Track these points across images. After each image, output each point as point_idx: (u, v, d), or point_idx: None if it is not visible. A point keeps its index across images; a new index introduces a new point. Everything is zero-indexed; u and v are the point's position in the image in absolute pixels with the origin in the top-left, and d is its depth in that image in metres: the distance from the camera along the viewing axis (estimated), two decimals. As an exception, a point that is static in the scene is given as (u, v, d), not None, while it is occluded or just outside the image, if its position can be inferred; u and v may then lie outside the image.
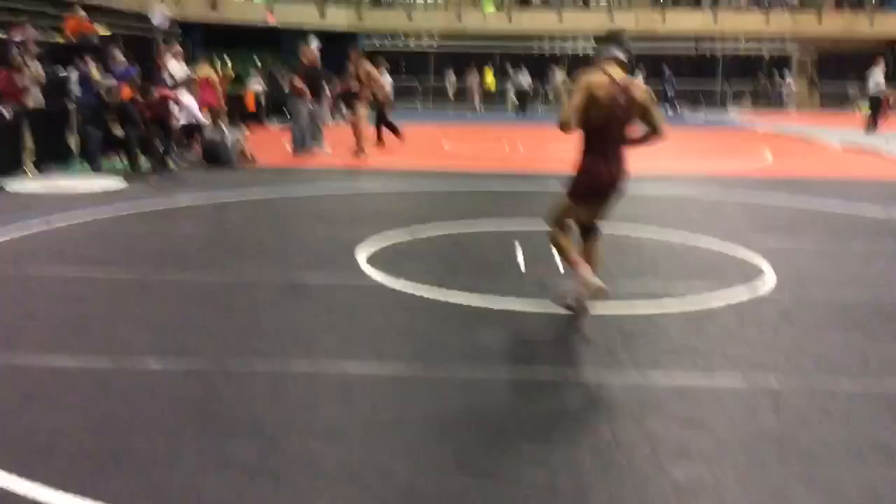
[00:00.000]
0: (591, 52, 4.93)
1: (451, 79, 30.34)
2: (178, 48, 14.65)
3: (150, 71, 13.85)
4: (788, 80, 31.02)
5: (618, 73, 4.45)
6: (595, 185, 4.55)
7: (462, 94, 29.79)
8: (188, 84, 13.07)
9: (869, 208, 8.85)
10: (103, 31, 15.40)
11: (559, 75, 28.42)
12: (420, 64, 31.36)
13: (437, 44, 31.93)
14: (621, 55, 4.49)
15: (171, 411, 3.42)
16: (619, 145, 4.53)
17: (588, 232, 4.78)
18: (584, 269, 4.49)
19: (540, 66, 30.78)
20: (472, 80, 29.18)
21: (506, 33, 31.30)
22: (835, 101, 30.73)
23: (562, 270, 5.77)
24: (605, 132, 4.44)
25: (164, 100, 11.41)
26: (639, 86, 4.52)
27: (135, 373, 3.84)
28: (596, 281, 4.45)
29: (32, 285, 5.42)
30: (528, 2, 32.46)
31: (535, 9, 32.19)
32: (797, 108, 30.49)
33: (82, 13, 15.53)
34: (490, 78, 29.72)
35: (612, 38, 4.56)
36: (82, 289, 5.36)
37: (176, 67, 13.76)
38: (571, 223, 4.74)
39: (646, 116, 4.50)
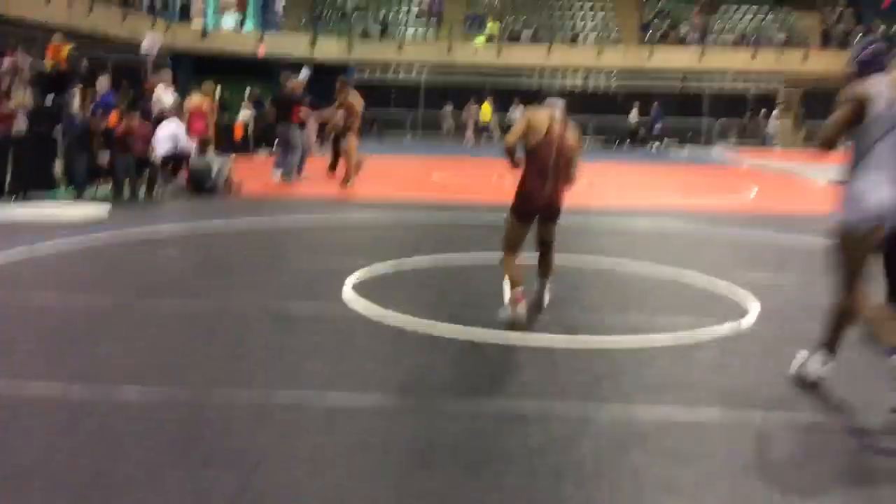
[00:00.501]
0: (577, 87, 5.95)
1: (448, 110, 30.10)
2: (168, 76, 14.67)
3: (139, 98, 13.89)
4: (774, 117, 31.35)
5: (556, 115, 5.28)
6: (532, 203, 5.23)
7: (457, 128, 29.71)
8: (176, 112, 13.10)
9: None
10: (65, 45, 15.31)
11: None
12: (410, 96, 31.54)
13: (427, 76, 32.17)
14: (560, 104, 5.41)
15: (151, 440, 3.37)
16: (556, 171, 5.18)
17: (542, 245, 5.48)
18: (519, 307, 5.13)
19: (530, 100, 30.99)
20: (469, 113, 29.19)
21: (495, 67, 31.58)
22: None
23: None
24: (543, 158, 5.14)
25: (140, 134, 11.41)
26: (572, 126, 5.32)
27: (114, 400, 3.79)
28: (521, 315, 5.12)
29: (13, 311, 5.37)
30: (517, 37, 32.81)
31: (525, 43, 32.52)
32: (782, 146, 30.80)
33: (57, 37, 15.61)
34: (487, 111, 29.65)
35: (556, 94, 5.55)
36: (64, 315, 5.31)
37: (165, 95, 13.79)
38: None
39: (571, 156, 5.26)
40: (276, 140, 14.43)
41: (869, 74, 3.96)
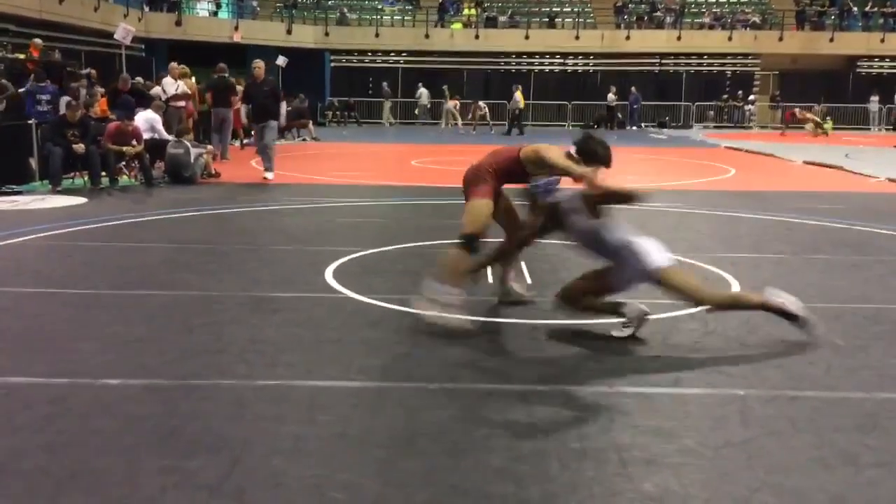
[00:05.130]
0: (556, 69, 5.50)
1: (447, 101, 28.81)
2: (176, 69, 15.36)
3: (118, 93, 13.76)
4: (752, 98, 31.47)
5: None
6: None
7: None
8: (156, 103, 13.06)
9: (829, 220, 8.98)
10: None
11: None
12: (387, 81, 31.32)
13: (405, 61, 31.99)
14: None
15: (131, 429, 3.34)
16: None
17: None
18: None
19: (508, 83, 30.99)
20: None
21: (473, 51, 31.46)
22: (796, 118, 31.21)
23: (529, 281, 5.77)
24: None
25: (133, 132, 11.36)
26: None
27: (93, 390, 3.75)
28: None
29: (-11, 303, 5.29)
30: (494, 20, 32.67)
31: (502, 27, 32.39)
32: (759, 125, 30.95)
33: (38, 41, 15.47)
34: (519, 97, 28.92)
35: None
36: (40, 305, 5.25)
37: (169, 86, 14.49)
38: None
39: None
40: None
41: None
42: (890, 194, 11.94)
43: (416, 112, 30.35)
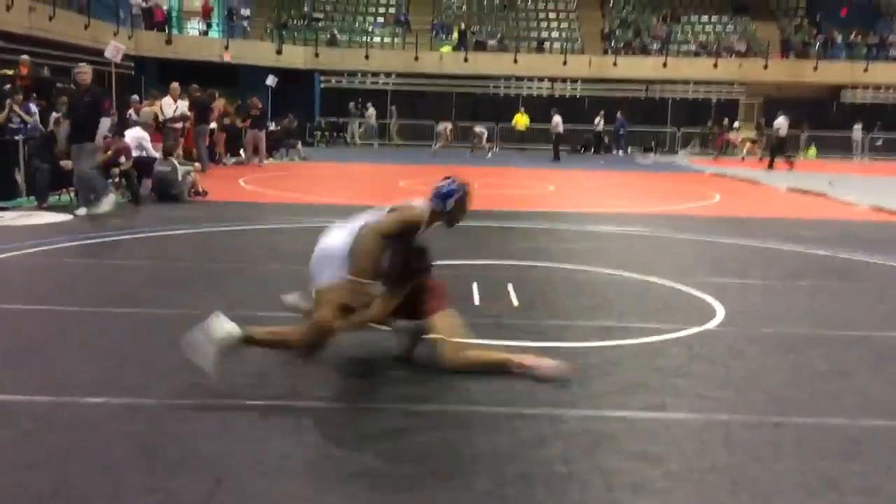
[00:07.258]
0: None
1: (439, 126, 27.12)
2: (177, 88, 15.86)
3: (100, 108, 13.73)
4: (737, 125, 31.75)
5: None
6: None
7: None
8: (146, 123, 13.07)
9: (814, 247, 9.06)
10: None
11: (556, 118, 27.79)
12: (377, 103, 31.43)
13: (394, 83, 32.14)
14: None
15: (114, 447, 3.31)
16: None
17: None
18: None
19: (496, 106, 31.29)
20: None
21: (462, 74, 31.66)
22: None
23: (516, 304, 5.78)
24: None
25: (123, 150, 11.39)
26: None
27: (76, 407, 3.72)
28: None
29: (-28, 319, 5.24)
30: (483, 44, 32.91)
31: (491, 51, 32.64)
32: (743, 153, 31.20)
33: (25, 58, 15.46)
34: (522, 119, 29.29)
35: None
36: (23, 322, 5.21)
37: (168, 108, 15.16)
38: None
39: None
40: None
41: None
42: (873, 222, 12.06)
43: (363, 130, 30.88)
